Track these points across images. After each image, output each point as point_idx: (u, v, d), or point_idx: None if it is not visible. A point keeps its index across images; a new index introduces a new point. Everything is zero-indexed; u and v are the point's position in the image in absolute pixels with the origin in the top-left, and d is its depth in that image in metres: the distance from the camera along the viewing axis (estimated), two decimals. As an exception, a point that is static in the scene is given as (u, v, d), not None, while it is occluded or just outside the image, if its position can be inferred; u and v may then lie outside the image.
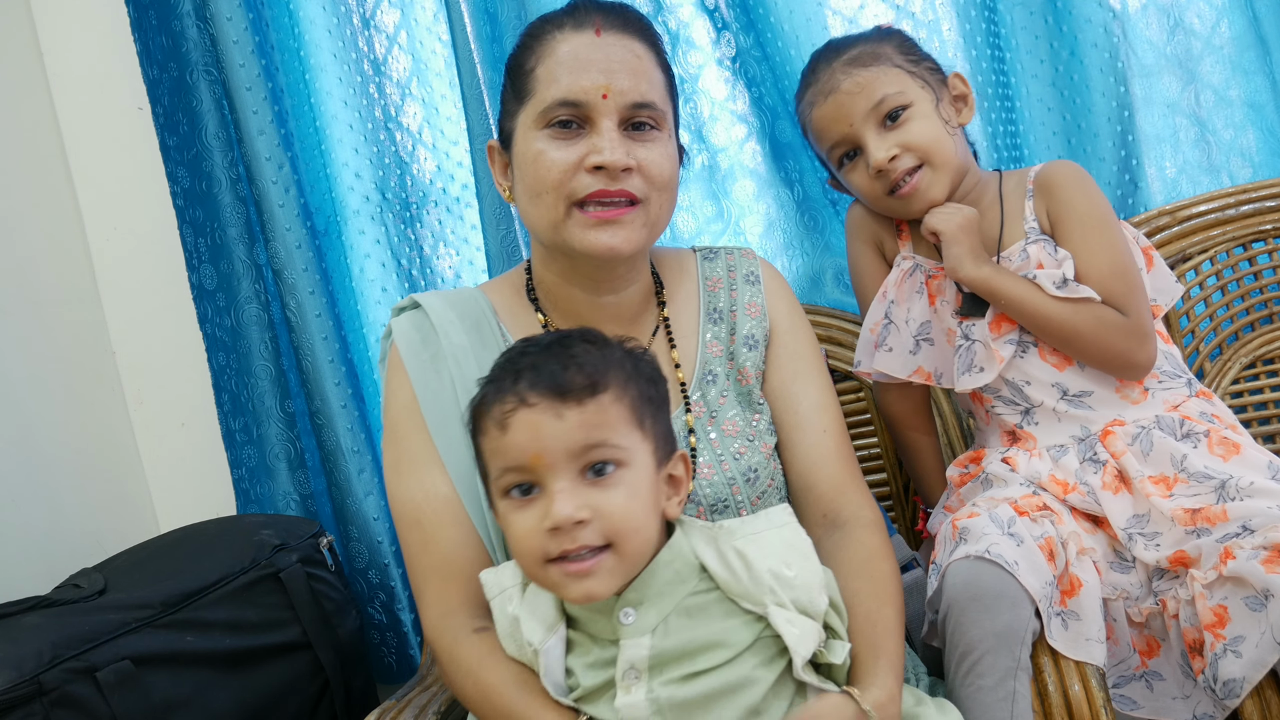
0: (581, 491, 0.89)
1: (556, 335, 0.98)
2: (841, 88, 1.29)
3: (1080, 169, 1.30)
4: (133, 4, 1.70)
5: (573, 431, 0.89)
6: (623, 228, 1.06)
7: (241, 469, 1.74)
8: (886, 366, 1.35)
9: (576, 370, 0.91)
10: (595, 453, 0.90)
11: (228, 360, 1.73)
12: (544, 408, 0.90)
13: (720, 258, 1.25)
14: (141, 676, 1.27)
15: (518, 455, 0.90)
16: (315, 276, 1.67)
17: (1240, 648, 1.03)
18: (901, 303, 1.35)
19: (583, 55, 1.07)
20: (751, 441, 1.15)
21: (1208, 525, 1.13)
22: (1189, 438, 1.21)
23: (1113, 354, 1.22)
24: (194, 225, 1.72)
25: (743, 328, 1.20)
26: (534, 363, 0.92)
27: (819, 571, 0.95)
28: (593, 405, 0.90)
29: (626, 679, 0.90)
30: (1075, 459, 1.24)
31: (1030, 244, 1.27)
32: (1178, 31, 1.59)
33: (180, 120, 1.70)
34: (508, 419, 0.90)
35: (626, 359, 0.96)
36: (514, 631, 0.96)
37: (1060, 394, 1.26)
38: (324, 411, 1.68)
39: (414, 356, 1.12)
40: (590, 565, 0.89)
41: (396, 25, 1.75)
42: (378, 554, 1.68)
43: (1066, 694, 1.06)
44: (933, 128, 1.28)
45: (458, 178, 1.77)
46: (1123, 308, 1.22)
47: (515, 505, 0.92)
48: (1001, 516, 1.12)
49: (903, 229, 1.39)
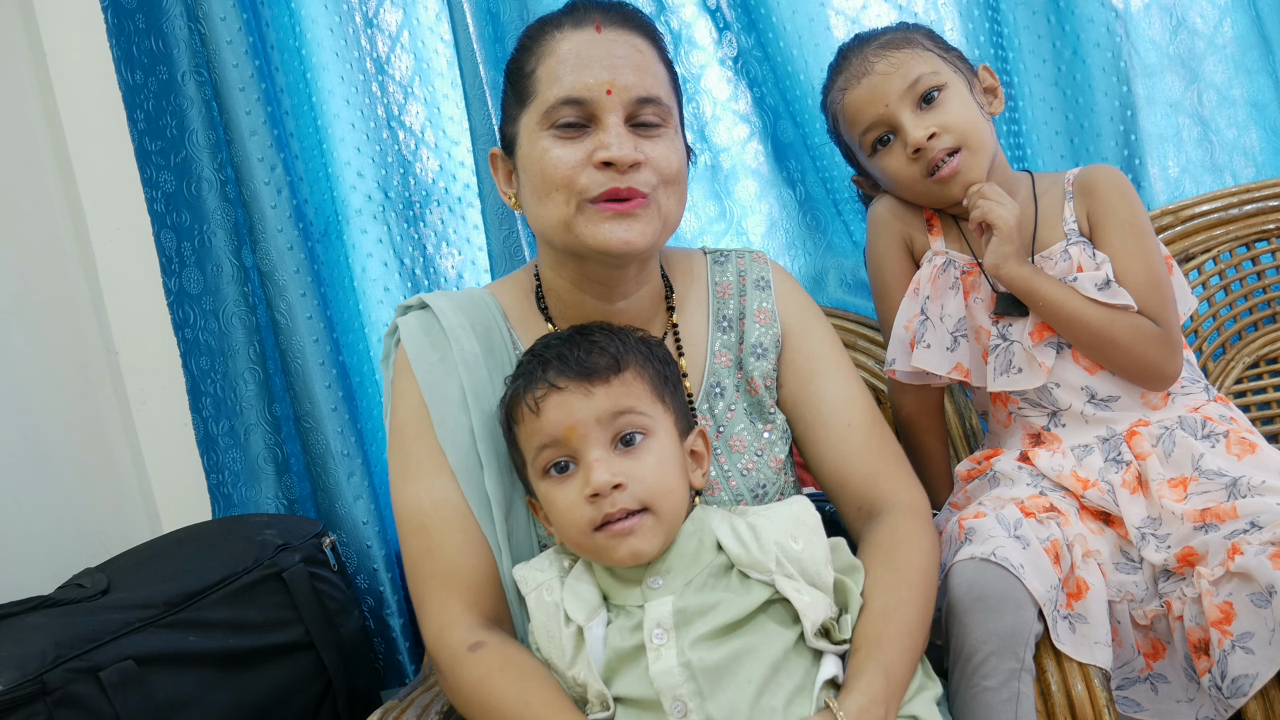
0: (614, 460, 0.97)
1: (575, 328, 1.06)
2: (876, 69, 1.27)
3: (1122, 175, 1.29)
4: (111, 10, 1.68)
5: (601, 403, 0.97)
6: (636, 221, 1.03)
7: (222, 474, 1.72)
8: (926, 364, 1.30)
9: (599, 353, 0.99)
10: (623, 420, 0.98)
11: (211, 365, 1.71)
12: (573, 389, 0.97)
13: (731, 262, 1.23)
14: (144, 676, 1.27)
15: (552, 431, 0.97)
16: (307, 279, 1.66)
17: (1250, 644, 1.03)
18: (936, 299, 1.31)
19: (584, 53, 1.05)
20: (760, 456, 1.14)
21: (1216, 522, 1.13)
22: (1209, 438, 1.21)
23: (1145, 363, 1.22)
24: (177, 230, 1.70)
25: (751, 335, 1.19)
26: (559, 352, 1.00)
27: (825, 546, 1.00)
28: (617, 381, 0.99)
29: (655, 640, 0.94)
30: (1100, 458, 1.24)
31: (1071, 245, 1.26)
32: (1180, 31, 1.59)
33: (167, 124, 1.68)
34: (540, 403, 0.98)
35: (641, 344, 1.04)
36: (551, 622, 1.00)
37: (1088, 397, 1.26)
38: (313, 415, 1.67)
39: (422, 360, 1.11)
40: (633, 524, 0.96)
41: (399, 25, 1.75)
42: (366, 558, 1.67)
43: (1070, 694, 1.06)
44: (969, 110, 1.27)
45: (460, 177, 1.78)
46: (1156, 317, 1.22)
47: (555, 483, 0.99)
48: (1008, 518, 1.12)
49: (933, 223, 1.35)
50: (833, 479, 1.15)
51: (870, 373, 1.58)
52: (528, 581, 1.03)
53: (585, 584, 1.01)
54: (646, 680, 0.93)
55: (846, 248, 1.68)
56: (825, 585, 0.98)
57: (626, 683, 0.95)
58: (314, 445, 1.68)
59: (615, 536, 0.96)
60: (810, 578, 0.98)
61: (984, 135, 1.27)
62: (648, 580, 0.98)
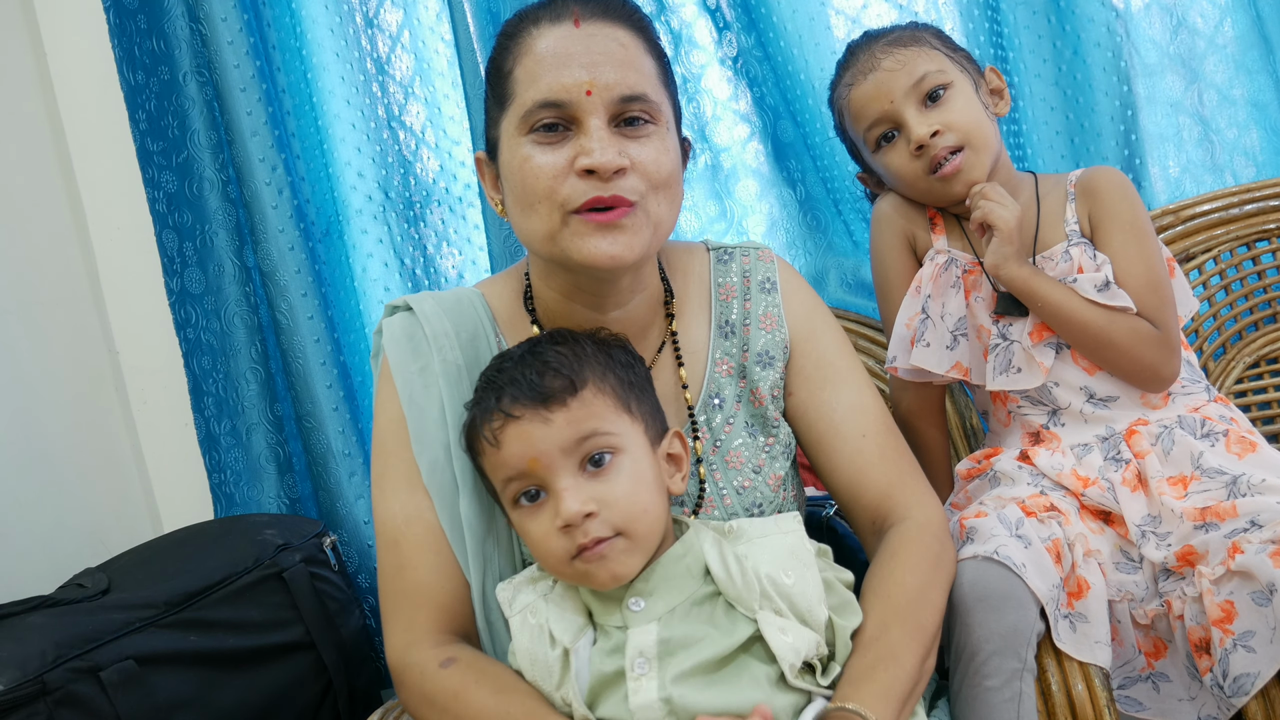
0: (584, 485, 0.92)
1: (527, 345, 0.99)
2: (882, 65, 1.28)
3: (1124, 176, 1.29)
4: (113, 10, 1.68)
5: (562, 430, 0.91)
6: (624, 232, 0.96)
7: (224, 473, 1.72)
8: (925, 362, 1.30)
9: (553, 375, 0.93)
10: (589, 443, 0.92)
11: (213, 364, 1.71)
12: (530, 417, 0.92)
13: (735, 260, 1.16)
14: (145, 676, 1.27)
15: (515, 464, 0.92)
16: (308, 278, 1.67)
17: (1252, 642, 1.03)
18: (937, 297, 1.32)
19: (561, 50, 0.97)
20: (758, 473, 1.10)
21: (1217, 521, 1.13)
22: (1208, 437, 1.22)
23: (1143, 365, 1.22)
24: (179, 230, 1.70)
25: (756, 343, 1.13)
26: (511, 377, 0.94)
27: (818, 582, 0.95)
28: (575, 403, 0.92)
29: (636, 669, 0.90)
30: (1099, 456, 1.24)
31: (1072, 246, 1.26)
32: (1181, 31, 1.59)
33: (169, 124, 1.69)
34: (499, 435, 0.92)
35: (598, 351, 0.97)
36: (536, 646, 0.95)
37: (1087, 396, 1.26)
38: (314, 415, 1.67)
39: (403, 369, 1.06)
40: (604, 549, 0.91)
41: (399, 25, 1.75)
42: (368, 558, 1.68)
43: (1070, 693, 1.06)
44: (974, 110, 1.27)
45: (460, 177, 1.78)
46: (1155, 320, 1.22)
47: (527, 513, 0.94)
48: (1009, 517, 1.12)
49: (936, 221, 1.36)
50: (847, 492, 1.10)
51: (871, 372, 1.58)
52: (512, 604, 0.99)
53: (570, 602, 0.97)
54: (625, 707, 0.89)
55: (847, 247, 1.68)
56: (817, 622, 0.93)
57: (609, 706, 0.91)
58: (315, 445, 1.68)
59: (593, 563, 0.91)
60: (800, 614, 0.93)
61: (987, 135, 1.27)
62: (629, 601, 0.93)
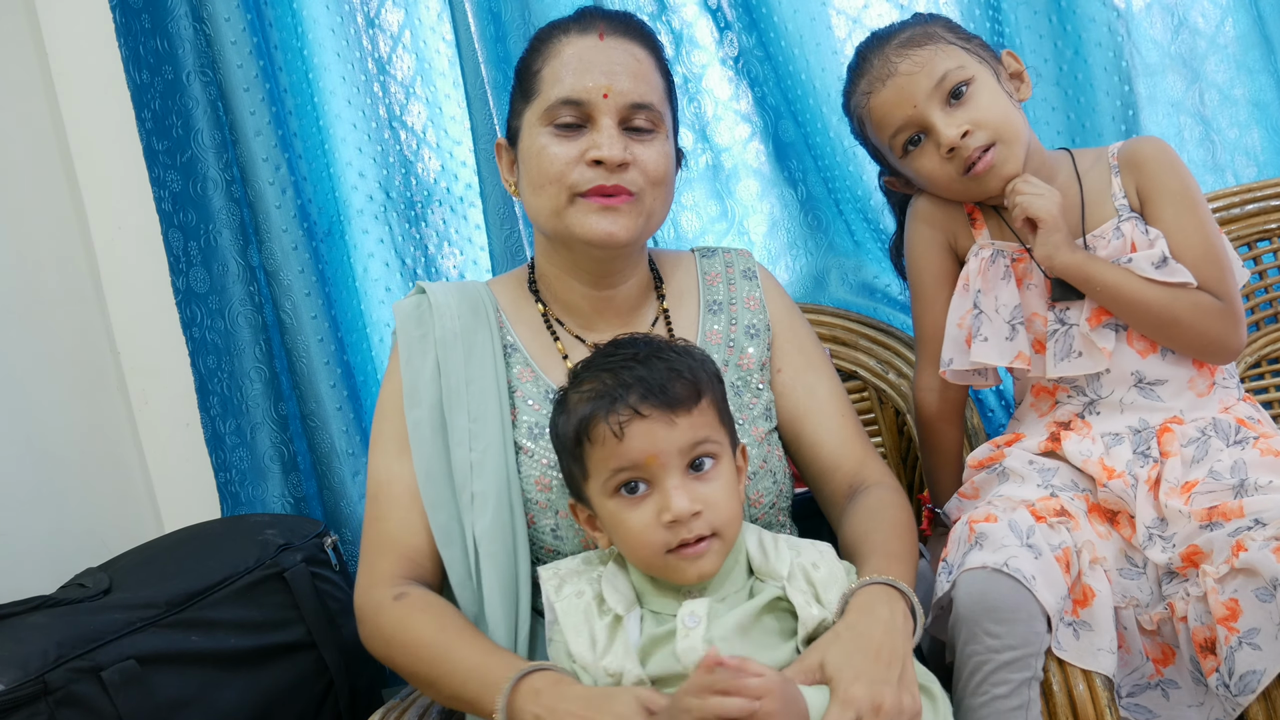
0: (690, 486, 1.00)
1: (650, 347, 1.05)
2: (900, 69, 1.24)
3: (1168, 146, 1.26)
4: (120, 9, 1.68)
5: (684, 433, 1.00)
6: (621, 215, 1.12)
7: (230, 472, 1.72)
8: (987, 357, 1.26)
9: (681, 382, 1.01)
10: (699, 449, 1.01)
11: (218, 363, 1.71)
12: (657, 417, 0.99)
13: (718, 255, 1.31)
14: (146, 676, 1.27)
15: (634, 457, 0.99)
16: (312, 278, 1.67)
17: (1257, 639, 1.03)
18: (988, 291, 1.28)
19: (586, 58, 1.13)
20: (741, 425, 1.18)
21: (1222, 520, 1.12)
22: (1240, 444, 1.19)
23: (1209, 339, 1.19)
24: (184, 229, 1.70)
25: (743, 318, 1.26)
26: (640, 376, 1.01)
27: (843, 575, 1.06)
28: (696, 411, 1.01)
29: (688, 623, 0.99)
30: (1129, 449, 1.21)
31: (1123, 221, 1.23)
32: (1182, 30, 1.59)
33: (173, 123, 1.69)
34: (625, 428, 0.99)
35: (707, 362, 1.07)
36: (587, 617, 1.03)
37: (1135, 381, 1.23)
38: (318, 414, 1.67)
39: (407, 336, 1.19)
40: (703, 548, 1.00)
41: (400, 25, 1.75)
42: (369, 559, 1.68)
43: (1071, 694, 1.06)
44: (1000, 102, 1.23)
45: (461, 177, 1.78)
46: (1217, 292, 1.18)
47: (627, 503, 1.01)
48: (1020, 524, 1.10)
49: (975, 216, 1.32)
50: (829, 460, 1.22)
51: (872, 372, 1.58)
52: (560, 590, 1.06)
53: (621, 583, 1.05)
54: (674, 657, 0.98)
55: (848, 247, 1.68)
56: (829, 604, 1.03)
57: (657, 662, 0.99)
58: (319, 444, 1.69)
59: (686, 559, 1.00)
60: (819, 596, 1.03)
61: (1017, 126, 1.24)
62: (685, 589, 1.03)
